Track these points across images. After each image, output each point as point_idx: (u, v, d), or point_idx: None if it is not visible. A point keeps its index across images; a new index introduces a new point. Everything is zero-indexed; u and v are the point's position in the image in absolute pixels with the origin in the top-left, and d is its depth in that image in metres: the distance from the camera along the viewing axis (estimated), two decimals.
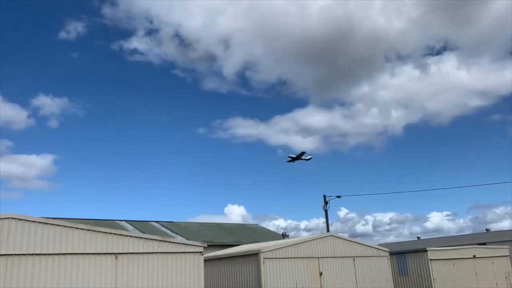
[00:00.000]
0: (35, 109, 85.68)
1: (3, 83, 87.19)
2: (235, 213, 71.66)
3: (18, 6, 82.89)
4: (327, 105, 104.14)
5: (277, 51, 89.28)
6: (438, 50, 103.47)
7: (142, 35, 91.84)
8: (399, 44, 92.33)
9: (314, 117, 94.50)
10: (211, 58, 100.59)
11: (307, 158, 45.80)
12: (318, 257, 21.82)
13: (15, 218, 13.85)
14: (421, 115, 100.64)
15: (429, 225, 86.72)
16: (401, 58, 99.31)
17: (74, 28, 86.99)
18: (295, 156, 45.27)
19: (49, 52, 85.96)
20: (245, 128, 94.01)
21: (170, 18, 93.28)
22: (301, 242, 21.71)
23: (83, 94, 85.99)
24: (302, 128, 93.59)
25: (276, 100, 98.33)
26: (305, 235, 42.66)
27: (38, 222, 14.25)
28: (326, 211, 37.72)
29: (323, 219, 38.18)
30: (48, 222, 14.51)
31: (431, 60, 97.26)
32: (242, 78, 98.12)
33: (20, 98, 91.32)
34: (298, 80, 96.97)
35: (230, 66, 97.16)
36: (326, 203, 37.68)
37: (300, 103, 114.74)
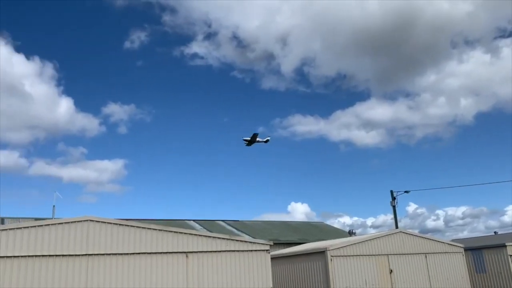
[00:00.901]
0: (105, 117, 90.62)
1: (77, 94, 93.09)
2: (299, 211, 71.38)
3: (87, 20, 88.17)
4: (390, 96, 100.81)
5: (336, 45, 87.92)
6: (510, 32, 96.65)
7: (201, 39, 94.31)
8: (466, 28, 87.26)
9: (377, 110, 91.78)
10: (269, 57, 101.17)
11: (264, 140, 44.70)
12: (388, 254, 21.23)
13: (93, 220, 14.76)
14: (493, 103, 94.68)
15: (506, 219, 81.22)
16: (469, 43, 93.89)
17: (137, 38, 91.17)
18: (249, 139, 43.68)
19: (116, 62, 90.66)
20: (305, 125, 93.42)
21: (227, 21, 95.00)
22: (370, 239, 21.23)
23: (149, 100, 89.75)
24: (364, 122, 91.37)
25: (336, 94, 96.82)
26: (372, 232, 41.61)
27: (114, 223, 15.08)
28: (394, 207, 36.59)
29: (390, 215, 37.17)
30: (123, 223, 15.31)
31: (502, 42, 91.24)
32: (301, 74, 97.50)
33: (92, 108, 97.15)
34: (359, 73, 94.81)
35: (288, 63, 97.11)
36: (393, 198, 36.55)
37: (361, 96, 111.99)
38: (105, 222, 14.91)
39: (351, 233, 36.19)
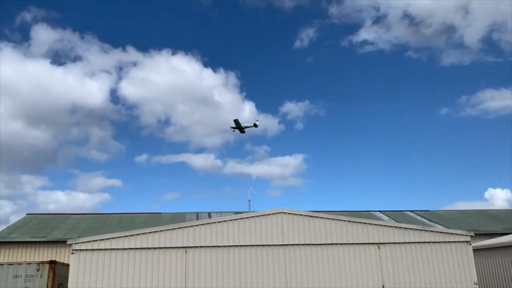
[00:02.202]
0: (283, 115, 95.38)
1: (257, 97, 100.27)
2: (499, 198, 63.33)
3: (259, 26, 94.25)
4: None
5: None
6: None
7: (369, 25, 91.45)
8: None
9: None
10: (448, 29, 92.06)
11: (252, 124, 42.58)
12: None
13: (285, 213, 15.75)
14: None
15: None
16: None
17: (306, 35, 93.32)
18: (234, 126, 42.09)
19: (288, 62, 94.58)
20: (498, 100, 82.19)
21: (397, 1, 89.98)
22: None
23: (321, 95, 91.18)
24: None
25: None
26: None
27: (305, 215, 15.83)
28: None
29: None
30: (313, 215, 15.94)
31: None
32: (489, 43, 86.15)
33: (271, 108, 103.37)
34: None
35: (472, 33, 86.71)
36: None
37: None
38: (296, 214, 15.75)
39: None
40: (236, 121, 44.81)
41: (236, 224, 15.42)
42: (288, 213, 15.74)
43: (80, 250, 14.31)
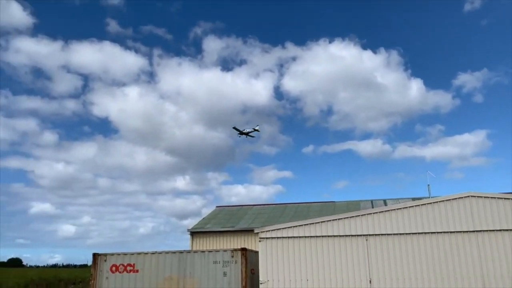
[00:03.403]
0: (457, 88, 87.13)
1: (424, 73, 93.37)
2: None
3: None
4: None
5: None
6: None
7: None
8: None
9: None
10: None
11: (251, 131, 43.87)
12: None
13: (474, 196, 14.33)
14: None
15: None
16: None
17: None
18: (241, 131, 43.55)
19: (458, 29, 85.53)
20: None
21: None
22: None
23: (502, 60, 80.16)
24: None
25: None
26: None
27: (499, 198, 14.16)
28: None
29: None
30: (509, 197, 14.17)
31: None
32: None
33: (442, 83, 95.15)
34: None
35: None
36: None
37: None
38: (488, 197, 14.21)
39: None
40: (234, 128, 45.19)
41: (418, 211, 14.64)
42: (478, 196, 14.29)
43: (266, 238, 15.37)
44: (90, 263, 20.42)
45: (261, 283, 14.99)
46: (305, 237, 15.12)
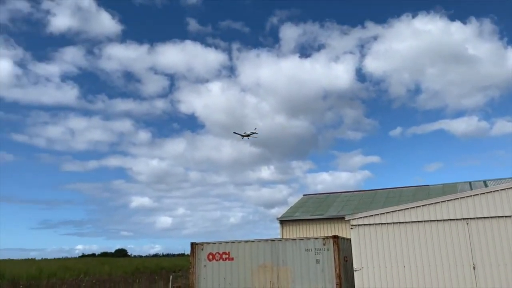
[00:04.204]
0: None
1: None
2: None
3: None
4: None
5: None
6: None
7: None
8: None
9: None
10: None
11: (250, 133, 46.36)
12: None
13: None
14: None
15: None
16: None
17: None
18: (242, 134, 46.42)
19: None
20: None
21: None
22: None
23: None
24: None
25: None
26: None
27: None
28: None
29: None
30: None
31: None
32: None
33: None
34: None
35: None
36: None
37: None
38: None
39: None
40: (235, 133, 47.53)
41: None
42: None
43: (358, 225, 15.08)
44: (187, 252, 21.57)
45: (355, 270, 14.78)
46: (400, 223, 14.59)
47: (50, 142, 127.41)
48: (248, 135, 47.43)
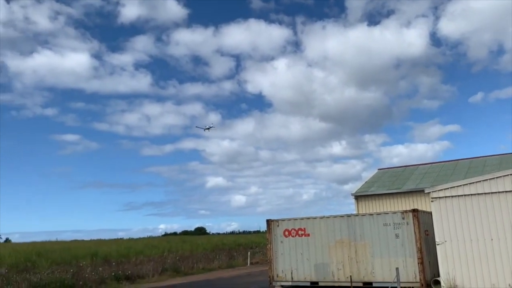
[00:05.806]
0: None
1: None
2: None
3: None
4: None
5: None
6: None
7: None
8: None
9: None
10: None
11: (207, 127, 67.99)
12: None
13: None
14: None
15: None
16: None
17: None
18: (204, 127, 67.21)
19: None
20: None
21: None
22: None
23: None
24: None
25: None
26: None
27: None
28: None
29: None
30: None
31: None
32: None
33: None
34: None
35: None
36: None
37: None
38: None
39: None
40: (197, 127, 61.75)
41: None
42: None
43: (439, 197, 14.44)
44: (262, 229, 22.01)
45: (437, 244, 14.24)
46: (485, 193, 13.76)
47: (128, 129, 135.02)
48: (208, 128, 67.52)
